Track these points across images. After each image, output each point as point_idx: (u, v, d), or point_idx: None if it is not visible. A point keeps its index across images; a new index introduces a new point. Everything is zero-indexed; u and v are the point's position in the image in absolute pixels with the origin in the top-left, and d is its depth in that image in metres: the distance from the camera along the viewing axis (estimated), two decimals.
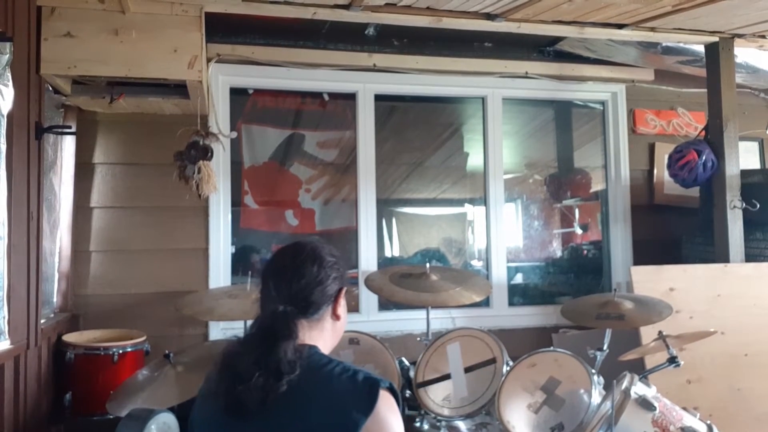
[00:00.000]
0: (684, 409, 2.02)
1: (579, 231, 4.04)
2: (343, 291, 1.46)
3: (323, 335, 1.42)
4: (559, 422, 2.15)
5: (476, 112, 3.80)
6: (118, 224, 3.13)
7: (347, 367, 1.30)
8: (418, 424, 2.51)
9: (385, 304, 3.46)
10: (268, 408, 1.23)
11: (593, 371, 2.27)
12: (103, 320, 2.99)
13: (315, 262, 1.41)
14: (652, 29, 3.10)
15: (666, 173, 3.49)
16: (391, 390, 1.29)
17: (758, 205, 3.15)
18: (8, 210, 2.11)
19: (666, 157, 3.44)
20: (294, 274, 1.39)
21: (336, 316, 1.44)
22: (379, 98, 3.58)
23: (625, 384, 2.02)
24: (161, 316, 3.07)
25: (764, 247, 3.23)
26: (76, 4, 2.51)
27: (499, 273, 3.67)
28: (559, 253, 3.99)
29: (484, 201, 3.74)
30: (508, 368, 2.43)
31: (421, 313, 2.89)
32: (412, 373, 2.60)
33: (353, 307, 3.46)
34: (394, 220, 3.82)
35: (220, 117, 3.23)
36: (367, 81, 3.52)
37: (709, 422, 1.98)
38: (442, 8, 2.84)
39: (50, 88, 2.69)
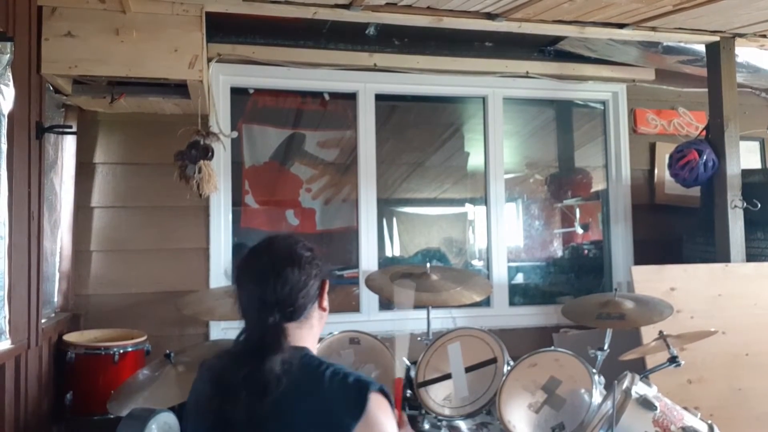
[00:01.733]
0: (685, 408, 2.02)
1: (580, 231, 4.03)
2: (326, 284, 1.45)
3: (312, 331, 1.42)
4: (560, 422, 2.15)
5: (477, 112, 3.79)
6: (118, 224, 3.13)
7: (338, 369, 1.29)
8: (418, 424, 2.50)
9: (385, 304, 3.46)
10: (259, 416, 1.23)
11: (594, 371, 2.27)
12: (104, 320, 3.00)
13: (295, 265, 1.36)
14: (653, 29, 3.10)
15: (667, 173, 3.50)
16: (383, 392, 1.27)
17: (759, 205, 3.15)
18: (9, 210, 2.11)
19: (667, 156, 3.44)
20: (276, 280, 1.34)
21: (322, 308, 1.44)
22: (379, 98, 3.57)
23: (626, 384, 2.02)
24: (162, 315, 3.07)
25: (765, 246, 3.22)
26: (76, 4, 2.52)
27: (499, 273, 3.66)
28: (559, 253, 3.99)
29: (484, 201, 3.73)
30: (509, 368, 2.43)
31: (421, 313, 2.89)
32: (412, 373, 2.60)
33: (354, 307, 3.46)
34: (394, 220, 3.82)
35: (220, 117, 3.23)
36: (368, 81, 3.51)
37: (710, 422, 1.98)
38: (443, 8, 2.83)
39: (51, 88, 2.69)
